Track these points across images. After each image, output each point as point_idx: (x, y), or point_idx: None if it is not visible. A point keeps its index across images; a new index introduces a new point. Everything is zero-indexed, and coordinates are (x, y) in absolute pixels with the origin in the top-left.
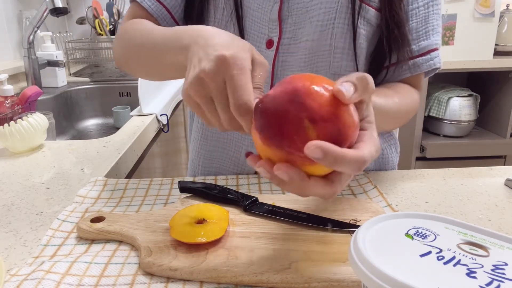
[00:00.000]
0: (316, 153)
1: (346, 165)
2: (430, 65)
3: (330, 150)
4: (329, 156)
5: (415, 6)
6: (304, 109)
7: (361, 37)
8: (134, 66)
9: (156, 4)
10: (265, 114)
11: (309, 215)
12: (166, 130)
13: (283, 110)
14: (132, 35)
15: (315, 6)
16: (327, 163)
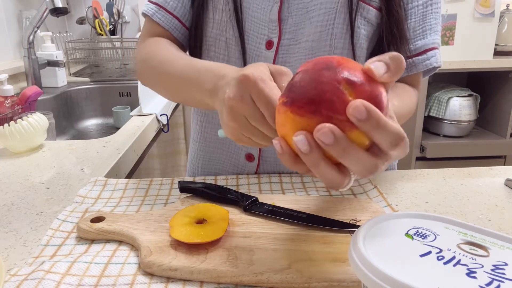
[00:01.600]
0: (360, 112)
1: (385, 135)
2: (426, 64)
3: (374, 111)
4: (373, 119)
5: (415, 4)
6: (340, 73)
7: (362, 37)
8: (158, 90)
9: (167, 16)
10: (298, 85)
11: (309, 215)
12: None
13: (317, 78)
14: (155, 62)
15: (315, 6)
16: (368, 126)
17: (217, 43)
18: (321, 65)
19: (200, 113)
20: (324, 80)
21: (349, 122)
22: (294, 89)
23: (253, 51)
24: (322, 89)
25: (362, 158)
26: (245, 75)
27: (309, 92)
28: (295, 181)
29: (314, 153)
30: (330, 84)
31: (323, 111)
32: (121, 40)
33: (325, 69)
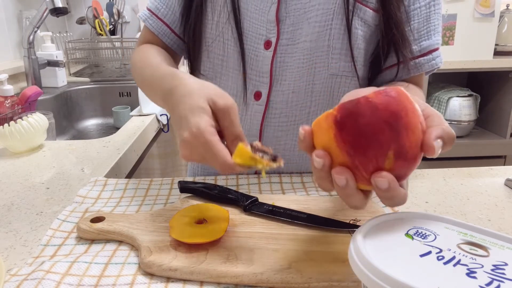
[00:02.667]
0: (383, 184)
1: (394, 201)
2: (432, 65)
3: (394, 188)
4: (390, 192)
5: (417, 6)
6: (396, 141)
7: (359, 38)
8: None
9: (157, 22)
10: (358, 118)
11: (309, 215)
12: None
13: (377, 127)
14: (138, 66)
15: (312, 7)
16: (383, 195)
17: (215, 44)
18: (389, 114)
19: None
20: (380, 138)
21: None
22: (352, 117)
23: (251, 51)
24: (372, 142)
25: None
26: (189, 141)
27: (360, 134)
28: (295, 181)
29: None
30: (381, 144)
31: (356, 161)
32: (121, 40)
33: (388, 124)
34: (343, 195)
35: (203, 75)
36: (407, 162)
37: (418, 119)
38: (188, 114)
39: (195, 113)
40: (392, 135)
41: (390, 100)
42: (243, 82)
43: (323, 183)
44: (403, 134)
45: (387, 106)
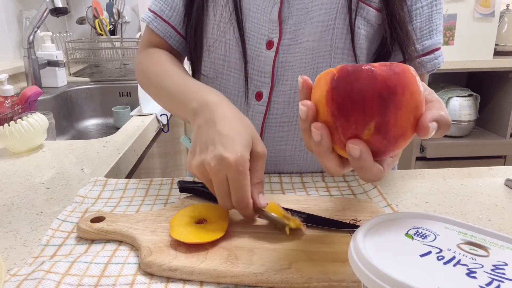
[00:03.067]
0: (355, 152)
1: (365, 174)
2: (434, 64)
3: (366, 159)
4: (361, 162)
5: (419, 5)
6: (382, 115)
7: (361, 37)
8: (154, 99)
9: (162, 24)
10: (353, 82)
11: (309, 215)
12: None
13: (368, 96)
14: (151, 74)
15: (315, 6)
16: (354, 164)
17: (217, 44)
18: (384, 88)
19: None
20: (367, 107)
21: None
22: (348, 80)
23: (253, 51)
24: (357, 109)
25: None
26: (229, 162)
27: (348, 99)
28: (295, 181)
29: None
30: (366, 114)
31: (338, 122)
32: (121, 40)
33: (380, 96)
34: (317, 153)
35: (204, 75)
36: (386, 140)
37: (416, 101)
38: (234, 137)
39: (242, 141)
40: (380, 108)
41: (391, 74)
42: (245, 82)
43: (305, 135)
44: (391, 111)
45: (385, 79)
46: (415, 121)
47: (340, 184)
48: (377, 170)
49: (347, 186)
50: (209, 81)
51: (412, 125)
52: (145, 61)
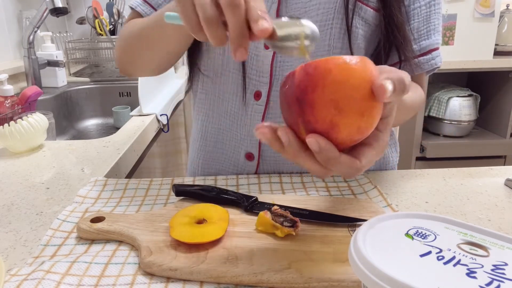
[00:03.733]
0: (313, 145)
1: (338, 168)
2: (432, 64)
3: (327, 149)
4: (323, 154)
5: (417, 5)
6: (302, 116)
7: (359, 37)
8: (137, 57)
9: (150, 9)
10: (283, 88)
11: (311, 211)
12: (166, 130)
13: (291, 101)
14: (132, 26)
15: (313, 6)
16: (319, 159)
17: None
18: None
19: (202, 112)
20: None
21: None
22: (283, 85)
23: (251, 51)
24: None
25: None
26: None
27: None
28: (295, 181)
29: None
30: (294, 116)
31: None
32: None
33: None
34: (290, 155)
35: (203, 74)
36: (323, 135)
37: (333, 90)
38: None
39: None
40: (299, 110)
41: (303, 76)
42: (243, 81)
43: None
44: (307, 111)
45: (299, 82)
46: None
47: (340, 184)
48: (348, 160)
49: (347, 186)
50: (208, 80)
51: (340, 107)
52: (126, 27)
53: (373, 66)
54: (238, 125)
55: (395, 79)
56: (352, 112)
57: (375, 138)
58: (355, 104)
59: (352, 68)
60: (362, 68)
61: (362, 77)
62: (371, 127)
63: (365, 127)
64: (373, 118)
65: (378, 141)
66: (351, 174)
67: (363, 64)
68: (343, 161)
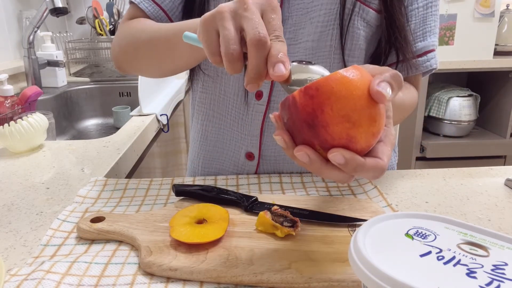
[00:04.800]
0: (339, 159)
1: (365, 173)
2: (427, 66)
3: (353, 159)
4: (350, 165)
5: (415, 6)
6: (317, 138)
7: (361, 38)
8: (140, 63)
9: (154, 6)
10: (286, 116)
11: (311, 211)
12: (166, 130)
13: (299, 126)
14: (139, 29)
15: (315, 7)
16: (347, 170)
17: None
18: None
19: (202, 112)
20: (304, 135)
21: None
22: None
23: None
24: (301, 137)
25: (336, 174)
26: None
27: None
28: (295, 181)
29: (314, 165)
30: (307, 140)
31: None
32: None
33: (307, 124)
34: (318, 170)
35: (204, 73)
36: (343, 148)
37: (342, 105)
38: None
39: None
40: (312, 133)
41: (307, 100)
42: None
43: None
44: (322, 132)
45: (304, 107)
46: (355, 113)
47: (340, 184)
48: (373, 162)
49: (347, 186)
50: (209, 80)
51: (353, 120)
52: (129, 26)
53: (367, 73)
54: (239, 124)
55: (390, 77)
56: (365, 121)
57: (384, 133)
58: (365, 113)
59: (351, 80)
60: (360, 77)
61: (364, 85)
62: (382, 128)
63: (378, 130)
64: (382, 120)
65: (388, 136)
66: (377, 175)
67: (360, 73)
68: (369, 165)
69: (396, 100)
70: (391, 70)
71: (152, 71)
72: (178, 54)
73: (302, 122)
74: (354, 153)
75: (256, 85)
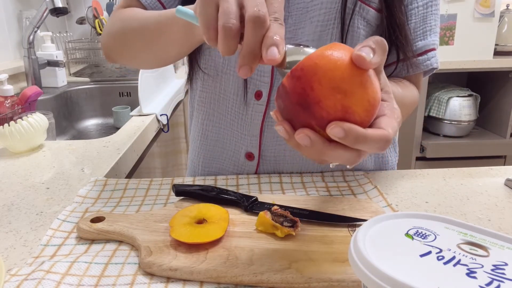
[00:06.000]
0: (337, 132)
1: (369, 145)
2: (427, 65)
3: (350, 129)
4: (350, 136)
5: (415, 5)
6: (313, 117)
7: (361, 37)
8: (130, 52)
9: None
10: (280, 102)
11: (311, 211)
12: (166, 130)
13: (295, 110)
14: (130, 16)
15: (315, 6)
16: (348, 143)
17: None
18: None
19: (202, 111)
20: (301, 118)
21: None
22: (277, 100)
23: None
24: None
25: (341, 154)
26: None
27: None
28: (295, 181)
29: (317, 146)
30: (305, 123)
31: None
32: None
33: (300, 105)
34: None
35: (204, 73)
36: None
37: (329, 78)
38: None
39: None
40: (308, 114)
41: (297, 81)
42: (244, 81)
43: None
44: (316, 109)
45: (293, 89)
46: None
47: (340, 184)
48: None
49: (347, 186)
50: (209, 79)
51: (344, 90)
52: (121, 14)
53: (343, 45)
54: (239, 124)
55: (372, 43)
56: (356, 89)
57: (387, 108)
58: (354, 81)
59: (333, 53)
60: (342, 50)
61: (347, 56)
62: (378, 96)
63: (374, 98)
64: (375, 87)
65: (391, 110)
66: (382, 146)
67: (338, 46)
68: (371, 135)
69: (396, 95)
70: (374, 36)
71: (141, 60)
72: (170, 39)
73: (296, 105)
74: (352, 124)
75: (249, 68)
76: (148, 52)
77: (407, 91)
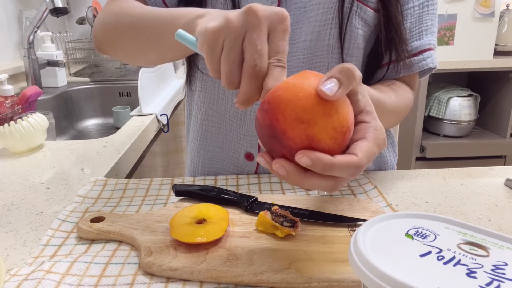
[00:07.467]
0: (305, 160)
1: (338, 172)
2: (422, 65)
3: (317, 158)
4: (318, 164)
5: (411, 5)
6: (283, 147)
7: (359, 37)
8: (123, 47)
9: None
10: (258, 133)
11: (311, 211)
12: (166, 130)
13: (268, 141)
14: (126, 9)
15: (313, 6)
16: (318, 170)
17: None
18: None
19: (201, 111)
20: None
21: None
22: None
23: None
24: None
25: (318, 182)
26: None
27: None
28: None
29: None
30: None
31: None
32: None
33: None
34: (298, 181)
35: (203, 73)
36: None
37: (295, 110)
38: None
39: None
40: (279, 144)
41: (265, 114)
42: None
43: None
44: (284, 139)
45: (264, 121)
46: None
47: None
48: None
49: (347, 186)
50: (208, 79)
51: (306, 120)
52: (115, 6)
53: (313, 73)
54: (238, 124)
55: (338, 72)
56: (319, 118)
57: (365, 130)
58: (316, 111)
59: (295, 84)
60: (306, 79)
61: (310, 86)
62: (346, 121)
63: (340, 124)
64: (342, 113)
65: (370, 132)
66: (354, 172)
67: (303, 76)
68: (338, 162)
69: (388, 103)
70: (341, 65)
71: (134, 57)
72: (166, 45)
73: (268, 137)
74: (319, 152)
75: (244, 107)
76: (141, 52)
77: (401, 96)
